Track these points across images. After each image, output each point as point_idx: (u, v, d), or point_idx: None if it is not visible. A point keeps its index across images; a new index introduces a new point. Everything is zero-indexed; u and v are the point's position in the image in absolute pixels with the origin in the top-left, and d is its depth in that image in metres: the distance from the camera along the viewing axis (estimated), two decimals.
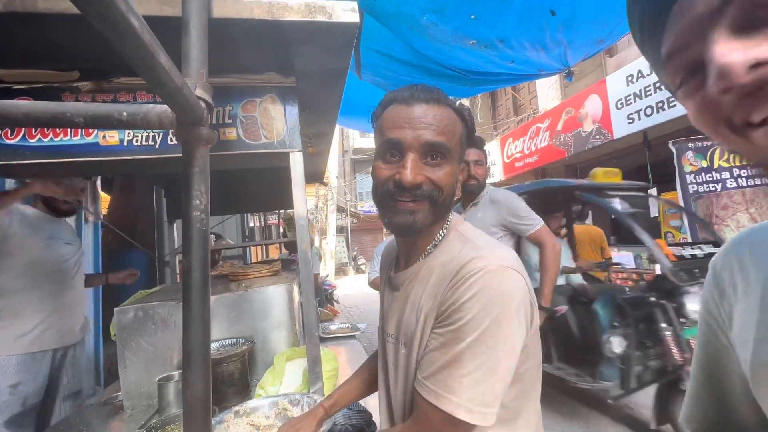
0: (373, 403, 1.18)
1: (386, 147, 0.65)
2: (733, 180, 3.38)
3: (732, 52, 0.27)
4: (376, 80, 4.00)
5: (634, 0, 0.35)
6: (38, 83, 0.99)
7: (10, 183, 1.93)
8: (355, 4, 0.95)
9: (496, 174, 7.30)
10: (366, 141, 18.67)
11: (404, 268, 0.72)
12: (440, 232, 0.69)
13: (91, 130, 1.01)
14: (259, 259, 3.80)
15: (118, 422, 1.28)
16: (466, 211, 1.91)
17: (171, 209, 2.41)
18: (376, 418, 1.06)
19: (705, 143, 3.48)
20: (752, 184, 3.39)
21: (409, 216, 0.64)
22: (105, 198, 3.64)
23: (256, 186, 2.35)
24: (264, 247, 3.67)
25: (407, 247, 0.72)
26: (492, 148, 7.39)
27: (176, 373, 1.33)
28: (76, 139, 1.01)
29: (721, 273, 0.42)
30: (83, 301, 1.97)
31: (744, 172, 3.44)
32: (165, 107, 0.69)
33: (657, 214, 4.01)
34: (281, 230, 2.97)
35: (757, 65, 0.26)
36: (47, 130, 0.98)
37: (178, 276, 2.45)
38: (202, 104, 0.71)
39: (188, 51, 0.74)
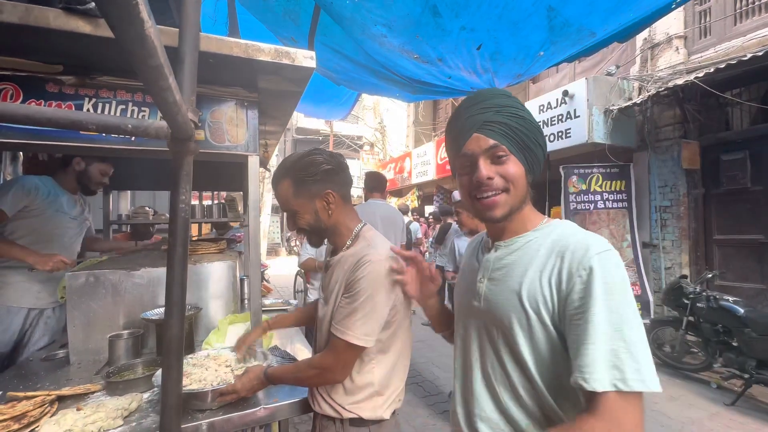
0: (299, 356, 1.52)
1: None
2: (602, 202, 4.34)
3: (483, 170, 0.73)
4: (327, 74, 4.20)
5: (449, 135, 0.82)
6: (23, 72, 1.11)
7: None
8: (313, 54, 1.24)
9: (430, 173, 7.93)
10: (310, 121, 18.33)
11: (332, 256, 1.09)
12: (350, 238, 1.07)
13: None
14: (194, 235, 3.84)
15: (68, 372, 1.44)
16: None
17: (110, 180, 2.43)
18: None
19: (586, 170, 4.37)
20: (614, 206, 4.37)
21: (309, 242, 1.13)
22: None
23: (201, 167, 2.48)
24: (199, 224, 3.71)
25: (333, 245, 1.14)
26: (428, 148, 7.99)
27: (125, 332, 1.52)
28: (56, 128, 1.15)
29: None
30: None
31: (611, 197, 4.41)
32: (163, 123, 0.94)
33: None
34: (220, 209, 3.10)
35: (489, 178, 0.73)
36: None
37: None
38: (192, 125, 0.97)
39: (182, 80, 0.98)
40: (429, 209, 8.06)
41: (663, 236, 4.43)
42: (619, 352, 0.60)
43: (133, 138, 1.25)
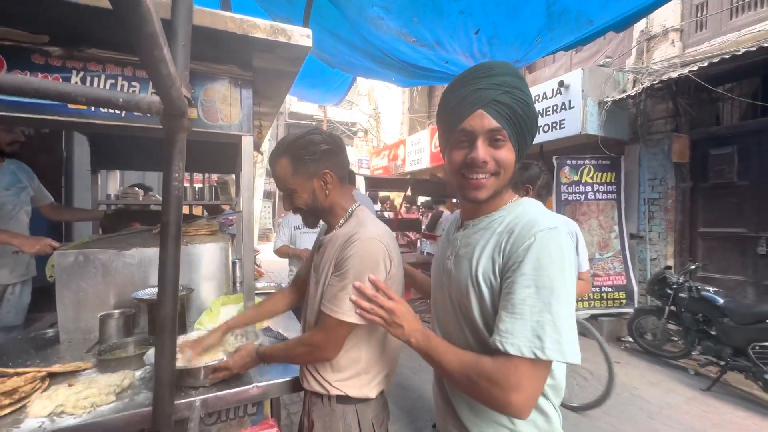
0: (292, 335, 1.54)
1: None
2: (592, 193, 4.39)
3: (481, 152, 0.75)
4: (323, 57, 4.13)
5: (447, 108, 0.81)
6: (8, 41, 1.07)
7: None
8: (309, 32, 1.21)
9: (423, 161, 7.90)
10: (304, 106, 18.05)
11: (325, 236, 1.10)
12: (343, 217, 1.08)
13: None
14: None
15: (58, 350, 1.44)
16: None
17: (97, 159, 2.38)
18: None
19: (579, 162, 4.40)
20: (604, 198, 4.43)
21: (304, 222, 1.14)
22: None
23: (195, 150, 2.43)
24: (190, 207, 3.66)
25: (327, 225, 1.14)
26: (423, 136, 7.94)
27: (116, 312, 1.51)
28: (45, 100, 1.12)
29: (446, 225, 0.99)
30: None
31: (601, 189, 4.46)
32: (155, 98, 0.92)
33: None
34: (212, 192, 3.06)
35: (484, 161, 0.75)
36: None
37: (100, 229, 2.44)
38: (185, 101, 0.95)
39: (176, 53, 0.96)
40: (422, 198, 8.07)
41: (650, 228, 4.52)
42: (544, 324, 0.66)
43: (123, 113, 1.22)
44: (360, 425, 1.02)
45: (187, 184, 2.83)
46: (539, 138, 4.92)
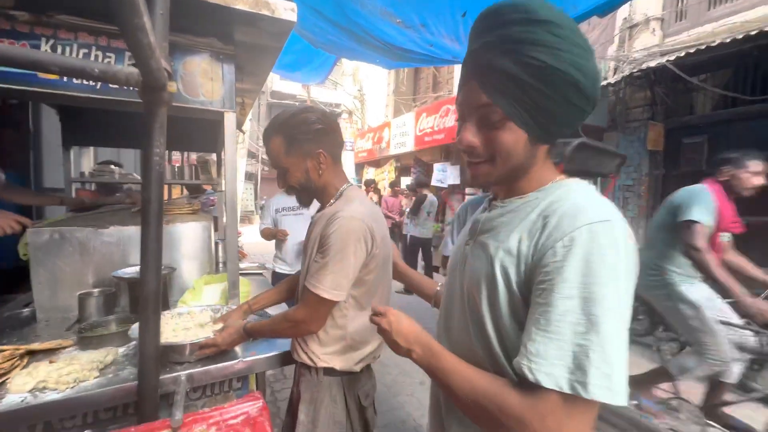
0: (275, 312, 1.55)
1: None
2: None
3: (466, 134, 0.62)
4: (304, 33, 4.01)
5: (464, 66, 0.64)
6: None
7: None
8: (294, 5, 1.19)
9: (408, 145, 7.89)
10: (286, 85, 17.52)
11: (316, 214, 1.12)
12: (334, 197, 1.09)
13: None
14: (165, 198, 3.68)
15: (35, 329, 1.41)
16: None
17: (69, 135, 2.27)
18: None
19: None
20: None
21: (297, 200, 1.15)
22: None
23: (174, 127, 2.36)
24: (169, 186, 3.57)
25: (320, 204, 1.15)
26: (408, 119, 7.91)
27: (95, 290, 1.49)
28: (13, 68, 1.06)
29: (458, 213, 0.98)
30: None
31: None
32: (133, 70, 0.89)
33: None
34: (193, 171, 2.99)
35: (470, 146, 0.63)
36: None
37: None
38: (165, 73, 0.93)
39: (154, 23, 0.92)
40: (406, 181, 8.09)
41: (624, 214, 4.71)
42: (589, 350, 0.50)
43: (98, 86, 1.17)
44: (345, 397, 1.07)
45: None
46: None
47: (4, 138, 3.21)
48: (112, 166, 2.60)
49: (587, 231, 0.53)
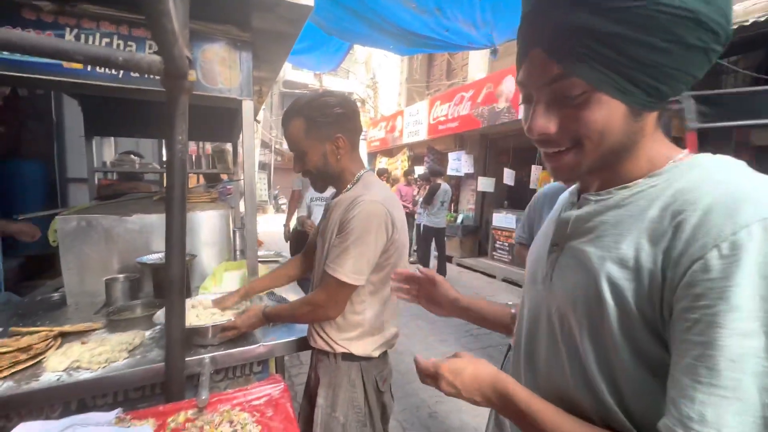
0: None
1: None
2: None
3: (537, 119, 0.48)
4: (317, 20, 3.98)
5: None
6: None
7: None
8: None
9: (421, 133, 7.81)
10: (298, 74, 17.51)
11: (333, 200, 1.12)
12: (351, 182, 1.09)
13: None
14: None
15: (66, 312, 1.47)
16: None
17: (91, 125, 2.32)
18: None
19: None
20: None
21: (312, 185, 1.14)
22: None
23: (191, 116, 2.39)
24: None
25: (336, 190, 1.15)
26: (421, 107, 7.81)
27: (121, 276, 1.54)
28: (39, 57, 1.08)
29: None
30: None
31: None
32: (156, 57, 0.90)
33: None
34: (209, 161, 3.03)
35: (543, 133, 0.48)
36: None
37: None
38: (187, 61, 0.93)
39: (176, 15, 0.92)
40: (419, 170, 8.04)
41: None
42: None
43: (120, 75, 1.19)
44: (364, 381, 1.09)
45: None
46: None
47: (28, 128, 3.32)
48: (132, 156, 2.66)
49: (761, 231, 0.36)
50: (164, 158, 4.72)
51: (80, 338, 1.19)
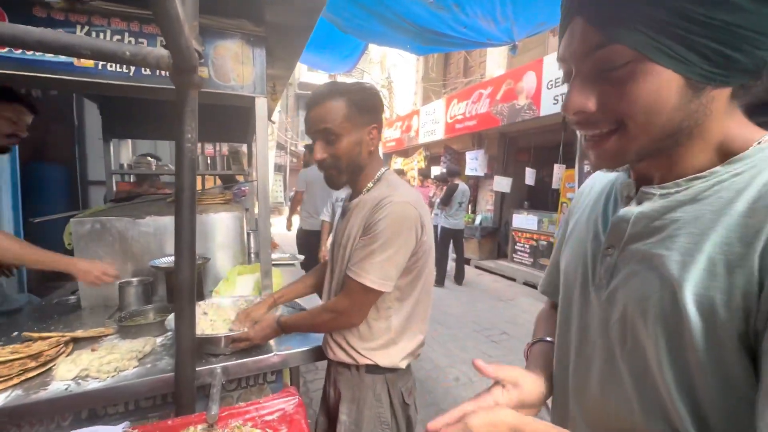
0: (308, 306, 1.52)
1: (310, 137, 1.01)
2: None
3: (573, 95, 0.43)
4: (332, 18, 3.94)
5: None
6: None
7: None
8: None
9: (438, 133, 7.69)
10: (313, 76, 17.64)
11: (351, 201, 1.04)
12: (373, 180, 1.00)
13: None
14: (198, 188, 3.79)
15: (80, 316, 1.45)
16: None
17: (109, 128, 2.33)
18: None
19: None
20: None
21: (329, 179, 1.02)
22: None
23: (206, 117, 2.37)
24: (202, 177, 3.65)
25: (352, 190, 1.06)
26: (438, 106, 7.69)
27: (134, 280, 1.51)
28: (50, 56, 1.05)
29: (574, 199, 0.67)
30: None
31: None
32: (164, 51, 0.85)
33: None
34: (224, 162, 3.02)
35: (579, 112, 0.43)
36: None
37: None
38: (196, 54, 0.88)
39: (184, 3, 0.87)
40: (435, 171, 7.92)
41: None
42: None
43: (131, 73, 1.15)
44: (390, 395, 1.01)
45: (199, 154, 2.79)
46: (561, 105, 4.69)
47: (52, 132, 3.39)
48: (149, 158, 2.67)
49: None
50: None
51: (91, 344, 1.16)
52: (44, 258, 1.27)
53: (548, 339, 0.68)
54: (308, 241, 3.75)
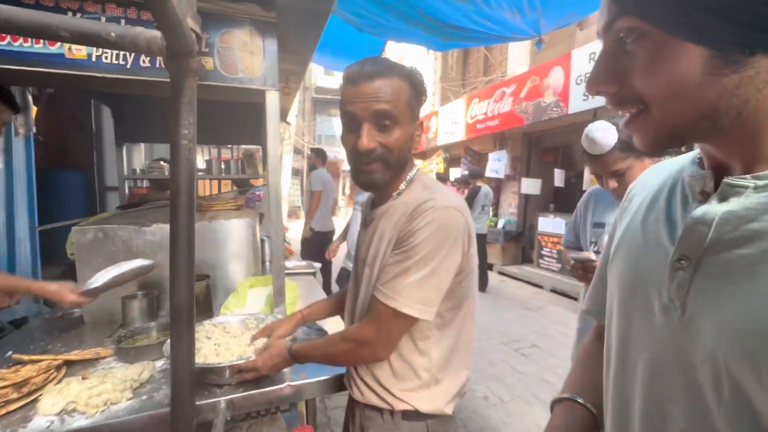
0: (328, 327, 1.37)
1: (345, 119, 0.79)
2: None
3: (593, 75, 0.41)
4: (348, 17, 3.82)
5: None
6: None
7: None
8: None
9: (458, 133, 7.47)
10: (330, 80, 17.66)
11: (376, 208, 0.86)
12: (404, 181, 0.83)
13: None
14: (212, 193, 3.73)
15: (81, 332, 1.35)
16: None
17: (121, 132, 2.26)
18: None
19: None
20: None
21: (369, 176, 0.79)
22: (34, 110, 3.28)
23: (217, 117, 2.27)
24: (218, 181, 3.58)
25: (379, 194, 0.87)
26: (457, 106, 7.47)
27: (139, 293, 1.40)
28: (38, 47, 0.94)
29: (625, 198, 0.56)
30: None
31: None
32: (156, 33, 0.70)
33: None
34: (239, 165, 2.93)
35: (598, 81, 0.40)
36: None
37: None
38: (193, 35, 0.73)
39: None
40: (455, 173, 7.69)
41: None
42: None
43: (128, 65, 1.03)
44: None
45: (204, 157, 2.70)
46: (591, 102, 4.41)
47: (70, 138, 3.40)
48: (162, 163, 2.60)
49: None
50: (201, 165, 4.77)
51: (86, 367, 1.05)
52: (15, 285, 1.19)
53: (579, 400, 0.55)
54: (321, 241, 3.76)
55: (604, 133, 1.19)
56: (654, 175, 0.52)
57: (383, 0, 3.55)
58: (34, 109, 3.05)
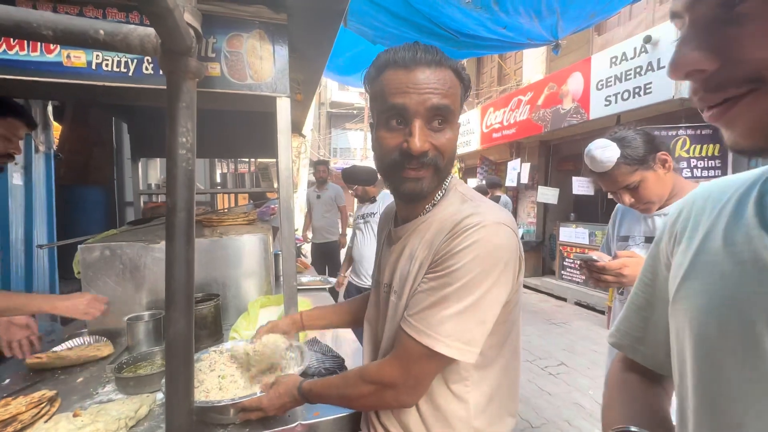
0: (344, 349, 1.25)
1: (390, 114, 0.65)
2: (689, 170, 3.65)
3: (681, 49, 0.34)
4: (361, 29, 3.81)
5: None
6: None
7: None
8: None
9: (473, 143, 7.34)
10: (344, 95, 17.90)
11: (403, 224, 0.74)
12: (439, 191, 0.71)
13: (53, 47, 0.89)
14: (224, 207, 3.72)
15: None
16: None
17: (136, 147, 2.25)
18: (348, 364, 1.12)
19: (670, 132, 3.68)
20: (705, 175, 3.68)
21: (417, 184, 0.66)
22: (56, 128, 3.34)
23: (231, 129, 2.22)
24: (234, 195, 3.56)
25: (408, 207, 0.74)
26: (472, 116, 7.36)
27: (146, 314, 1.32)
28: (35, 56, 0.89)
29: (674, 218, 0.48)
30: None
31: (701, 164, 3.70)
32: (150, 30, 0.62)
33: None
34: (254, 179, 2.88)
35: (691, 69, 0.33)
36: (0, 40, 0.86)
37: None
38: (191, 32, 0.65)
39: None
40: (472, 183, 7.54)
41: None
42: None
43: (130, 72, 0.96)
44: None
45: (218, 170, 2.66)
46: (615, 107, 4.23)
47: (93, 156, 3.45)
48: None
49: None
50: (217, 179, 4.79)
51: (83, 399, 0.96)
52: (15, 303, 1.08)
53: (633, 429, 0.44)
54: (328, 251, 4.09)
55: (603, 150, 1.16)
56: (715, 194, 0.44)
57: (397, 11, 3.52)
58: (57, 127, 3.10)
